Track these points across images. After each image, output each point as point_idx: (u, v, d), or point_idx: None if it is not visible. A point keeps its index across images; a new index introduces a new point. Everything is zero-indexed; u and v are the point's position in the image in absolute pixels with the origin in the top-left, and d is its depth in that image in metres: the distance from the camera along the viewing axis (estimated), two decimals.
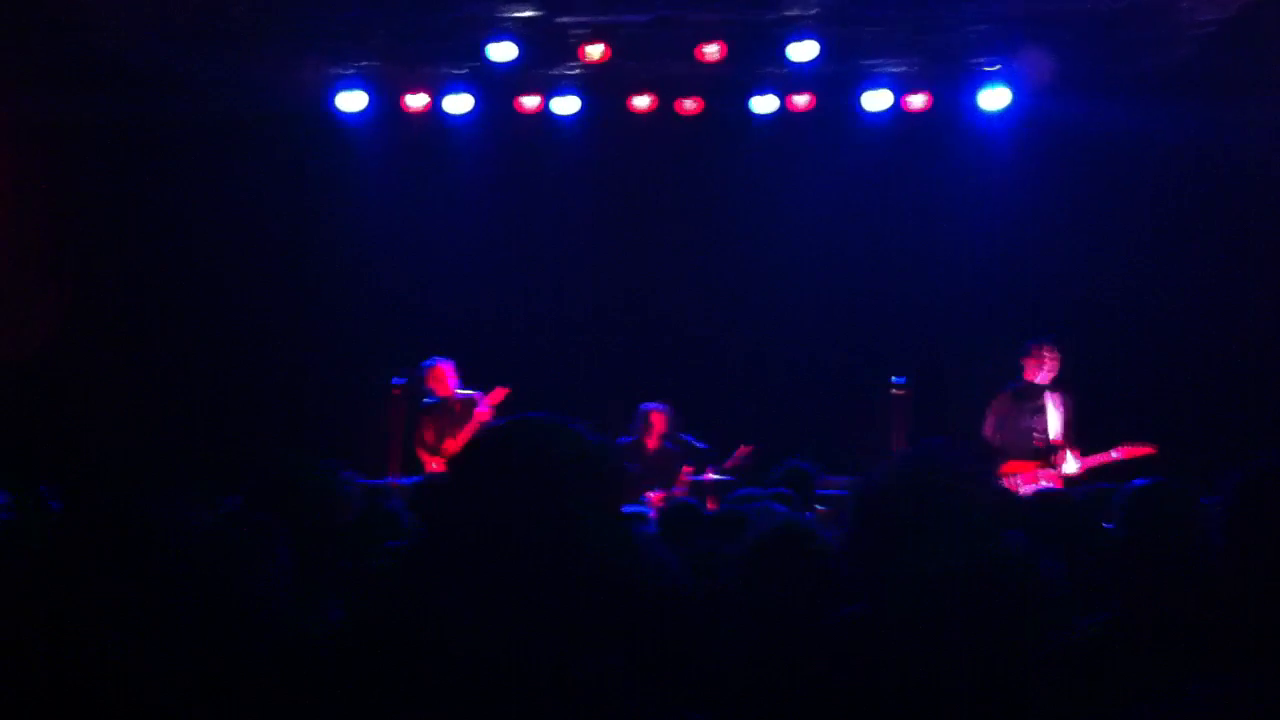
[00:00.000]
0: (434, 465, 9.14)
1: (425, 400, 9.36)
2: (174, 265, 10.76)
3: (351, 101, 10.37)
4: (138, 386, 10.33)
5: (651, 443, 9.31)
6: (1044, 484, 8.29)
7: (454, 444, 9.03)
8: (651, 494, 8.71)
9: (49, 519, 4.53)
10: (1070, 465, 8.59)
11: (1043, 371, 8.79)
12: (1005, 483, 8.41)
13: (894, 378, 9.10)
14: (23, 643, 2.16)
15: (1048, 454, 8.66)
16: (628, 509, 6.22)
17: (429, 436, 9.28)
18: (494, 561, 2.01)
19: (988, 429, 8.89)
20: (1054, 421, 8.72)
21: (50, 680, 2.14)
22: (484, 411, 9.15)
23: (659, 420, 9.34)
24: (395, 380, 9.19)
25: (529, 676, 1.95)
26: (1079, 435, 8.76)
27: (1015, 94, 10.00)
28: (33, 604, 2.22)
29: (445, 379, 9.28)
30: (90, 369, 10.30)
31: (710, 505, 8.12)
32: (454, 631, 1.98)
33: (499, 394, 9.18)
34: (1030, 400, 8.79)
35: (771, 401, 10.42)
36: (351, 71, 10.30)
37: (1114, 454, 8.51)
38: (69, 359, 10.31)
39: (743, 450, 9.30)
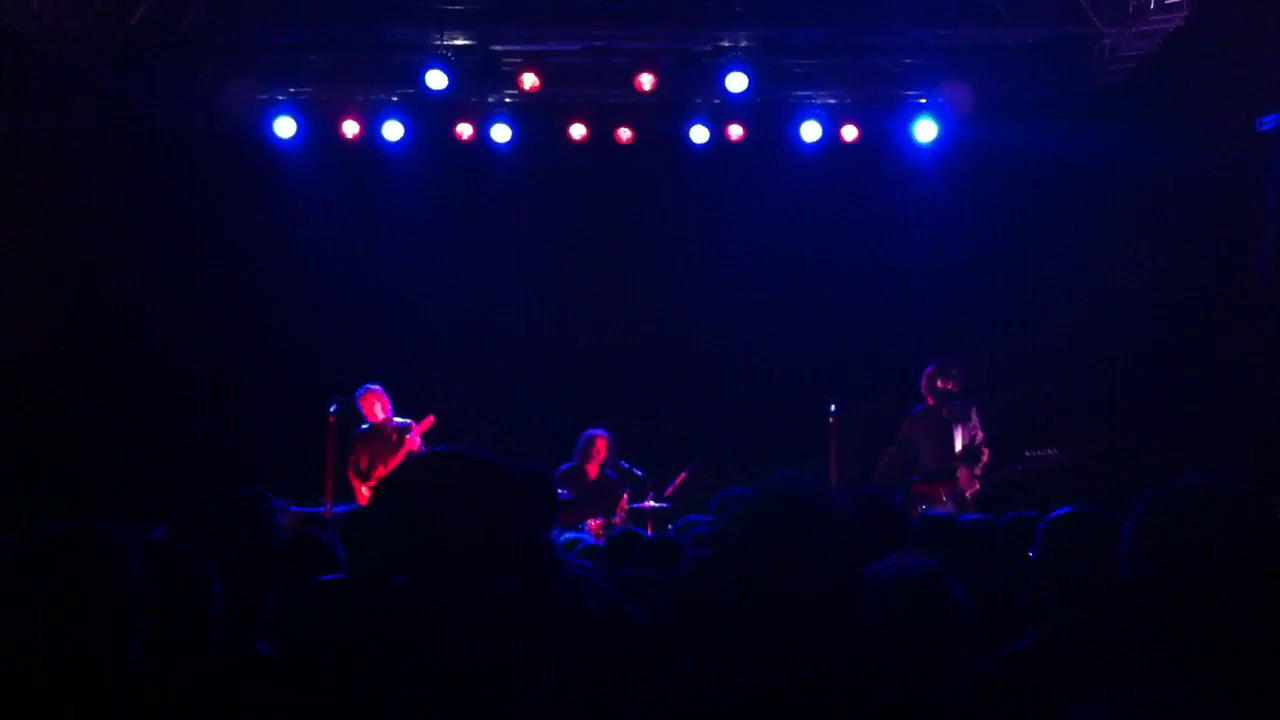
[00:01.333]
0: (366, 492, 9.10)
1: (359, 427, 9.32)
2: (108, 287, 10.61)
3: (286, 127, 10.31)
4: (68, 410, 10.17)
5: (592, 469, 9.28)
6: (946, 506, 8.42)
7: (385, 471, 9.02)
8: (592, 521, 8.69)
9: None
10: (974, 484, 8.74)
11: (933, 395, 8.97)
12: (915, 505, 8.51)
13: (831, 404, 9.15)
14: None
15: (953, 471, 8.80)
16: (568, 535, 6.23)
17: (362, 463, 9.26)
18: (416, 592, 2.03)
19: (901, 451, 9.10)
20: (959, 439, 8.86)
21: None
22: (414, 440, 9.14)
23: (600, 447, 9.31)
24: (331, 408, 9.12)
25: (459, 704, 1.96)
26: (992, 449, 8.91)
27: (944, 124, 10.17)
28: None
29: (375, 405, 9.25)
30: (21, 390, 10.12)
31: (650, 532, 8.13)
32: (381, 661, 1.99)
33: (428, 422, 9.20)
34: (933, 421, 8.98)
35: (711, 426, 10.46)
36: (285, 98, 10.26)
37: (1018, 467, 8.69)
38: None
39: (682, 476, 9.33)
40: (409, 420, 9.28)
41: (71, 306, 10.56)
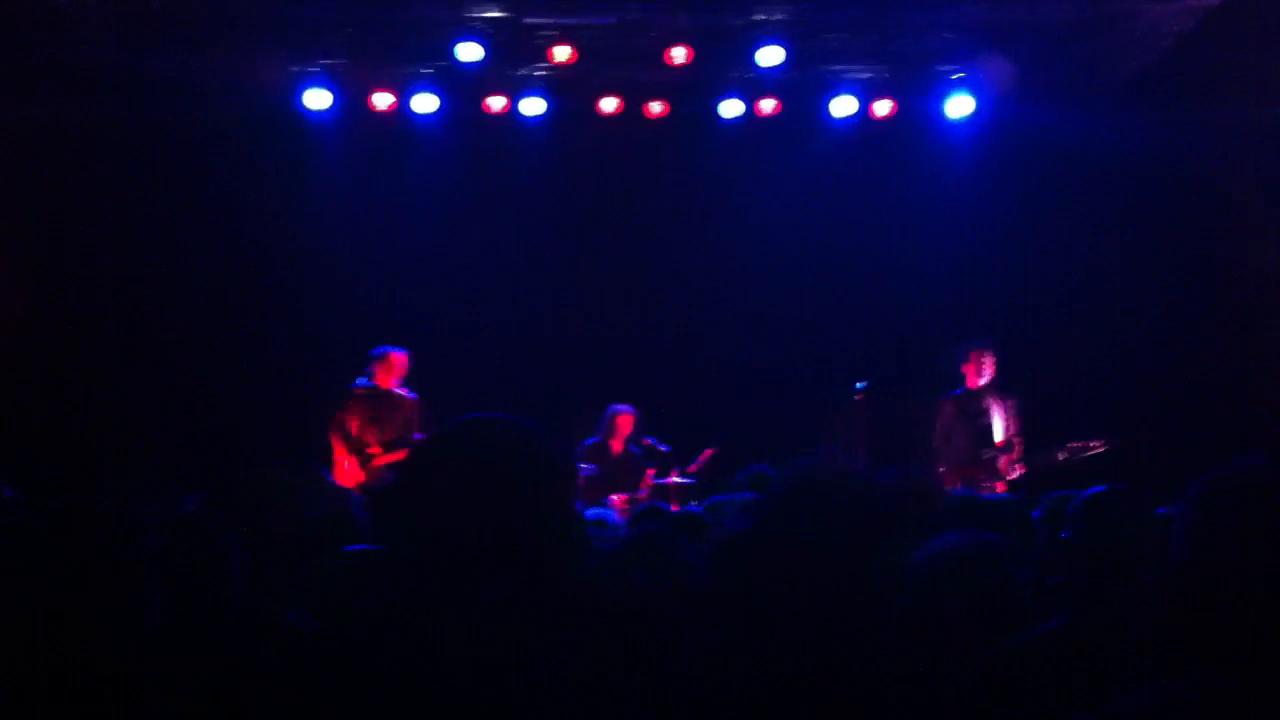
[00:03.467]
0: (349, 460, 8.86)
1: (359, 381, 8.95)
2: (136, 266, 10.65)
3: (317, 100, 10.29)
4: (98, 386, 10.24)
5: (616, 445, 9.30)
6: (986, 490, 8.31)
7: (378, 438, 8.82)
8: (615, 496, 8.70)
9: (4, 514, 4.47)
10: (1014, 470, 8.60)
11: (982, 376, 8.80)
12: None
13: (856, 383, 9.10)
14: None
15: (993, 459, 8.67)
16: (593, 512, 6.23)
17: (352, 426, 8.85)
18: (447, 562, 2.01)
19: (936, 437, 8.93)
20: (998, 426, 8.73)
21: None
22: (414, 416, 8.84)
23: (625, 422, 9.32)
24: (359, 381, 9.09)
25: (489, 677, 1.95)
26: (1026, 438, 8.80)
27: (979, 101, 10.06)
28: None
29: (396, 371, 8.91)
30: (52, 367, 10.21)
31: (674, 509, 8.13)
32: (414, 633, 1.98)
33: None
34: (973, 405, 8.79)
35: (736, 404, 10.42)
36: (317, 70, 10.24)
37: (1059, 455, 8.50)
38: (29, 357, 10.20)
39: (706, 453, 9.32)
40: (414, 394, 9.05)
41: (99, 284, 10.62)
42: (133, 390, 10.28)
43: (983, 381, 8.80)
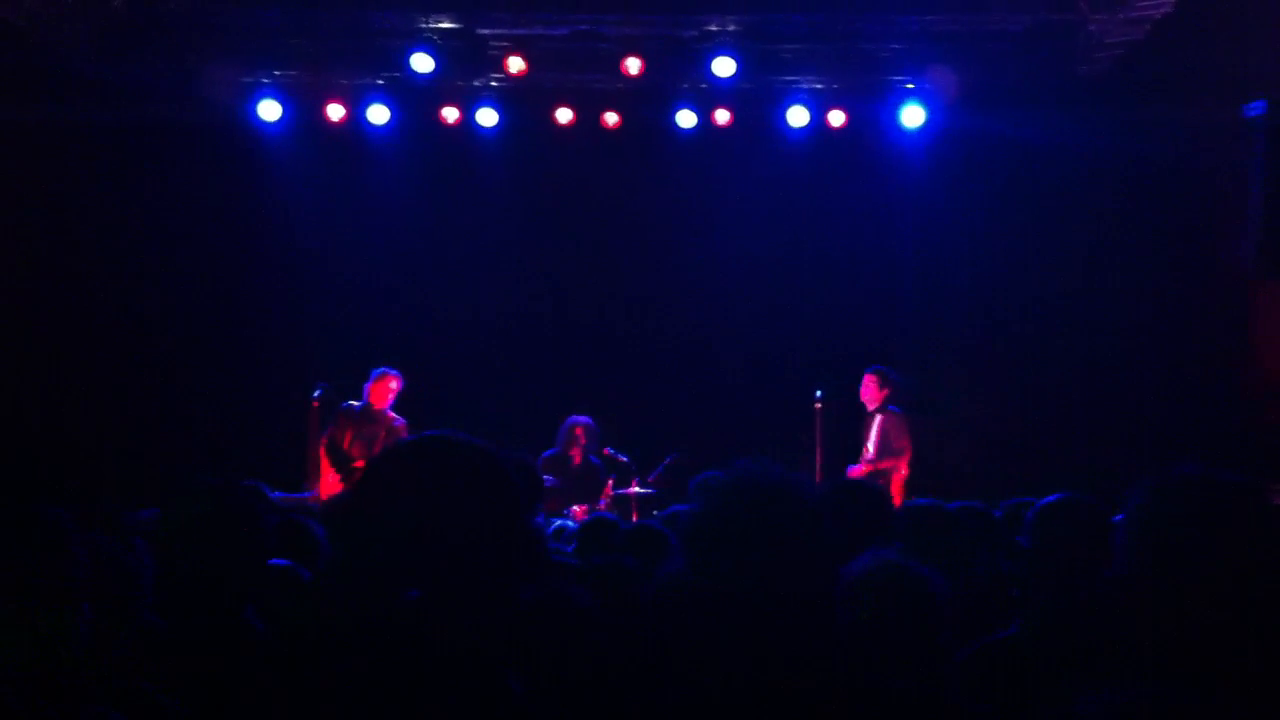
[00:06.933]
0: (337, 477, 8.84)
1: (349, 404, 8.98)
2: (90, 273, 10.54)
3: (270, 111, 10.23)
4: (49, 395, 10.12)
5: (575, 456, 9.26)
6: None
7: (363, 456, 8.79)
8: (576, 508, 8.67)
9: None
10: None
11: (868, 396, 9.19)
12: None
13: (816, 391, 9.16)
14: None
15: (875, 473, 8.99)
16: (556, 523, 6.19)
17: (344, 442, 8.88)
18: (403, 579, 2.00)
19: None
20: (871, 441, 9.09)
21: None
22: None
23: (583, 433, 9.29)
24: (315, 392, 9.03)
25: (441, 694, 1.93)
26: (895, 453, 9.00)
27: (931, 110, 10.14)
28: None
29: (389, 393, 8.95)
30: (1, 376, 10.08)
31: (635, 519, 8.12)
32: (364, 650, 1.97)
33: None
34: (866, 420, 9.22)
35: (694, 414, 10.44)
36: (270, 81, 10.17)
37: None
38: None
39: (666, 461, 9.29)
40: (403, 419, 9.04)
41: (53, 293, 10.49)
42: (79, 400, 10.16)
43: (869, 401, 9.18)
